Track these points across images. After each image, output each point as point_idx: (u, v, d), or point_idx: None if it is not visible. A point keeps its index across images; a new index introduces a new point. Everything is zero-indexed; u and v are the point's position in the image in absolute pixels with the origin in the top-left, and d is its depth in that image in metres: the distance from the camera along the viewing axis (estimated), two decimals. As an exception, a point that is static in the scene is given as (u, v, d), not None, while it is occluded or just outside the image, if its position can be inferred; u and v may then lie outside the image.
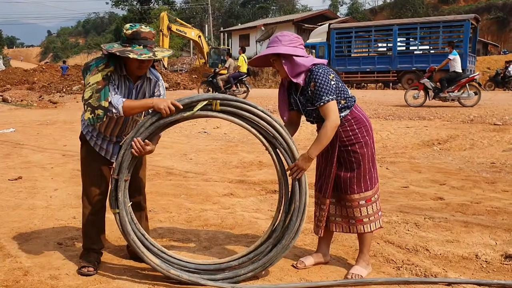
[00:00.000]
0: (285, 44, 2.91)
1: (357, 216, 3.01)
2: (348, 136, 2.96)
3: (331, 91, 2.84)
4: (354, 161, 2.97)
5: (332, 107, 2.84)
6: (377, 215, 3.06)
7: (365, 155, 2.98)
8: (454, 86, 12.46)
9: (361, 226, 3.02)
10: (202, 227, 4.11)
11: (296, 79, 2.91)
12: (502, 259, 3.27)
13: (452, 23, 22.73)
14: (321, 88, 2.83)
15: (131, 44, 2.85)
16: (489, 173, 6.34)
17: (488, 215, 4.37)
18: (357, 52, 25.80)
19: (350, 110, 2.97)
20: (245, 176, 6.25)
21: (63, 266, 3.20)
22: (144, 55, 2.80)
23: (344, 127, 2.95)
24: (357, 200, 2.99)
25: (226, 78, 16.44)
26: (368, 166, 2.99)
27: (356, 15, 57.99)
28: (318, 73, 2.86)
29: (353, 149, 2.96)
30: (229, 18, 64.62)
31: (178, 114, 2.85)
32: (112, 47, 2.87)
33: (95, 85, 2.83)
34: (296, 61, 2.89)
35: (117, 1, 53.77)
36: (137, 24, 2.93)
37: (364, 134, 2.98)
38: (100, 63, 2.90)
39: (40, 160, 7.32)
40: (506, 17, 50.31)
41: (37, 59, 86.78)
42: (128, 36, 2.86)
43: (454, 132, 8.98)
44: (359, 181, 2.98)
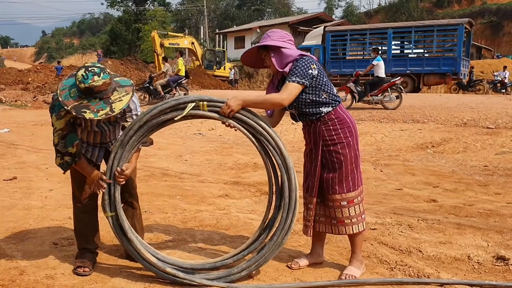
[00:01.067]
0: (273, 39, 3.00)
1: (338, 216, 3.03)
2: (330, 136, 2.99)
3: (304, 76, 2.89)
4: (336, 162, 3.00)
5: (292, 88, 2.88)
6: (360, 218, 3.07)
7: (347, 156, 3.00)
8: (377, 90, 13.08)
9: (343, 228, 3.04)
10: (197, 228, 4.13)
11: (284, 69, 2.98)
12: (493, 261, 3.32)
13: (446, 27, 22.88)
14: (296, 69, 2.90)
15: (87, 96, 2.70)
16: (482, 176, 6.40)
17: (481, 217, 4.42)
18: (352, 55, 25.88)
19: (334, 109, 2.99)
20: (240, 178, 6.28)
21: (59, 265, 3.21)
22: (101, 111, 2.69)
23: (327, 125, 2.99)
24: (339, 200, 3.01)
25: (165, 82, 16.51)
26: (350, 168, 3.01)
27: (351, 18, 58.25)
28: (302, 59, 2.94)
29: (335, 149, 2.99)
30: (224, 20, 64.68)
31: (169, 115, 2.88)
32: (69, 97, 2.71)
33: (60, 131, 2.85)
34: (284, 52, 2.97)
35: (112, 2, 53.59)
36: (90, 73, 2.67)
37: (347, 135, 3.00)
38: (62, 108, 2.79)
39: (35, 161, 7.31)
40: (500, 21, 50.70)
41: (32, 59, 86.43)
42: (81, 90, 2.68)
43: (447, 135, 9.04)
44: (340, 181, 3.00)
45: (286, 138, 9.92)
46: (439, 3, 58.82)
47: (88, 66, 2.73)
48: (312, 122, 3.04)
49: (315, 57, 3.05)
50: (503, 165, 7.08)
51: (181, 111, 2.86)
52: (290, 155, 3.00)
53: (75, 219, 3.25)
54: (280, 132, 10.30)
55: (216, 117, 2.91)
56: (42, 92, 22.35)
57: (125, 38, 48.61)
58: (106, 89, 2.74)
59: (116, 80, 2.87)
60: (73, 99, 2.70)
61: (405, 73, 22.45)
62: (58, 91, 2.78)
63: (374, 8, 70.02)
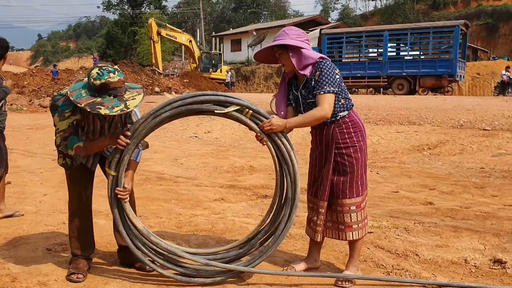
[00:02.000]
0: (292, 38, 2.94)
1: (347, 222, 3.00)
2: (344, 139, 2.96)
3: (335, 83, 2.88)
4: (348, 165, 2.97)
5: (330, 99, 2.86)
6: (364, 222, 3.06)
7: (359, 160, 2.98)
8: None
9: (350, 233, 3.01)
10: (192, 233, 4.10)
11: (303, 71, 2.93)
12: (490, 264, 3.29)
13: (442, 29, 22.95)
14: (326, 78, 2.86)
15: (101, 94, 2.69)
16: (478, 178, 6.39)
17: (477, 220, 4.40)
18: (348, 58, 25.94)
19: (349, 113, 2.98)
20: (236, 181, 6.24)
21: (52, 272, 3.17)
22: (116, 107, 2.67)
23: (341, 129, 2.96)
24: (349, 205, 2.98)
25: None
26: (360, 172, 3.00)
27: (347, 20, 58.33)
28: (326, 64, 2.90)
29: (347, 152, 2.96)
30: (220, 23, 64.78)
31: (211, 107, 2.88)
32: (80, 97, 2.69)
33: (62, 132, 2.84)
34: (304, 53, 2.92)
35: (109, 5, 53.62)
36: (105, 71, 2.70)
37: (359, 139, 2.99)
38: (66, 109, 2.78)
39: (29, 165, 7.26)
40: (495, 23, 50.89)
41: (27, 63, 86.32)
42: (96, 86, 2.68)
43: (443, 137, 9.04)
44: (351, 185, 2.98)
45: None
46: (435, 5, 59.03)
47: (101, 66, 2.76)
48: (325, 125, 2.99)
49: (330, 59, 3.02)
50: (500, 167, 7.07)
51: (223, 108, 2.86)
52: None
53: (70, 225, 3.20)
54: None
55: (255, 129, 2.91)
56: (37, 96, 22.28)
57: (121, 41, 48.61)
58: (121, 87, 2.74)
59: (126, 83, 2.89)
60: (86, 98, 2.69)
61: (401, 75, 22.52)
62: (68, 91, 2.76)
63: (370, 11, 70.23)
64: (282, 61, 3.02)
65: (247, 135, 10.82)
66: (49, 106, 2.91)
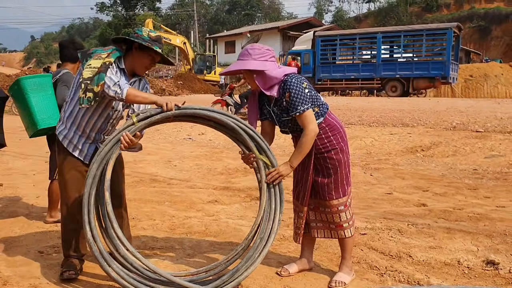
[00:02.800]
0: (255, 58, 2.87)
1: (336, 221, 3.02)
2: (323, 144, 2.97)
3: (306, 100, 2.85)
4: (331, 167, 2.98)
5: (309, 115, 2.86)
6: (352, 221, 3.09)
7: (342, 161, 3.00)
8: None
9: (342, 231, 3.04)
10: (186, 235, 4.08)
11: (270, 91, 2.89)
12: (483, 265, 3.30)
13: (435, 31, 23.07)
14: (296, 97, 2.83)
15: (153, 44, 3.00)
16: (471, 179, 6.42)
17: (470, 221, 4.41)
18: (341, 60, 26.02)
19: (324, 118, 2.98)
20: (230, 183, 6.24)
21: (44, 275, 3.15)
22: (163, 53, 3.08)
23: (319, 134, 2.94)
24: (336, 206, 3.00)
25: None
26: (345, 172, 3.02)
27: (340, 23, 58.52)
28: (291, 83, 2.85)
29: (329, 155, 2.98)
30: (214, 25, 64.77)
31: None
32: (139, 38, 2.99)
33: (94, 69, 2.88)
34: (267, 74, 2.86)
35: (102, 7, 53.53)
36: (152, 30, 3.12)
37: (339, 141, 2.99)
38: (103, 52, 2.99)
39: (22, 167, 7.22)
40: (488, 25, 51.20)
41: (20, 64, 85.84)
42: (152, 37, 3.01)
43: (437, 139, 9.07)
44: (337, 186, 3.00)
45: (276, 142, 9.90)
46: (428, 8, 59.27)
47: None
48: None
49: (295, 70, 3.00)
50: (493, 168, 7.10)
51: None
52: (279, 159, 2.99)
53: (63, 227, 3.18)
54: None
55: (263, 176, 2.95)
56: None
57: (115, 43, 48.43)
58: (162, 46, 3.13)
59: None
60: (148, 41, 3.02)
61: (394, 77, 22.61)
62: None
63: (364, 13, 70.42)
64: (247, 80, 2.99)
65: (241, 137, 10.80)
66: (80, 57, 3.09)
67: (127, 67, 3.07)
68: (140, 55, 3.04)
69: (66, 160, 3.11)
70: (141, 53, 3.03)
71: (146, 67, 3.13)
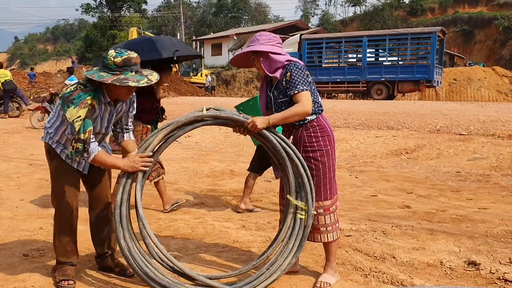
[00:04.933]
0: (262, 43, 3.05)
1: (314, 224, 3.04)
2: (311, 142, 3.02)
3: (307, 83, 2.96)
4: (315, 169, 3.02)
5: (307, 96, 2.93)
6: (335, 226, 3.10)
7: (326, 164, 3.04)
8: None
9: (318, 235, 3.06)
10: (172, 237, 4.09)
11: (274, 74, 3.04)
12: (465, 266, 3.37)
13: (419, 35, 23.30)
14: (297, 78, 2.95)
15: (122, 71, 2.82)
16: (454, 181, 6.51)
17: (453, 223, 4.49)
18: (327, 63, 26.14)
19: (317, 117, 3.04)
20: (216, 185, 6.25)
21: (29, 278, 3.13)
22: (141, 81, 2.82)
23: (309, 132, 3.02)
24: (316, 208, 3.02)
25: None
26: (328, 176, 3.05)
27: (327, 26, 58.82)
28: (295, 65, 3.00)
29: (314, 156, 3.02)
30: (201, 27, 64.65)
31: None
32: (102, 77, 2.79)
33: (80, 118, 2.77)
34: (272, 58, 3.02)
35: (87, 8, 53.10)
36: (123, 50, 2.88)
37: (326, 143, 3.04)
38: (86, 97, 2.81)
39: (5, 170, 7.14)
40: (472, 30, 51.88)
41: (4, 66, 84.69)
42: (118, 64, 2.81)
43: (421, 141, 9.18)
44: (318, 189, 3.03)
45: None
46: (412, 12, 59.89)
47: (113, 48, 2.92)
48: (294, 128, 3.06)
49: (301, 62, 3.10)
50: (475, 171, 7.22)
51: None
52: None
53: (56, 232, 3.12)
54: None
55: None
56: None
57: (100, 45, 48.07)
58: (138, 64, 2.91)
59: None
60: (108, 77, 2.79)
61: (379, 81, 22.79)
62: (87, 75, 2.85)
63: (350, 17, 70.84)
64: (255, 65, 3.13)
65: (228, 139, 10.83)
66: (60, 104, 2.86)
67: (110, 97, 2.96)
68: (116, 87, 2.87)
69: (61, 167, 3.05)
70: (116, 85, 2.84)
71: (128, 94, 2.99)
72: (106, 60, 2.83)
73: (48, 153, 3.11)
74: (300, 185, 2.95)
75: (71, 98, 2.79)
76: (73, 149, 2.79)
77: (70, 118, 2.76)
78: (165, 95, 25.01)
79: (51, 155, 3.08)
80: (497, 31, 48.90)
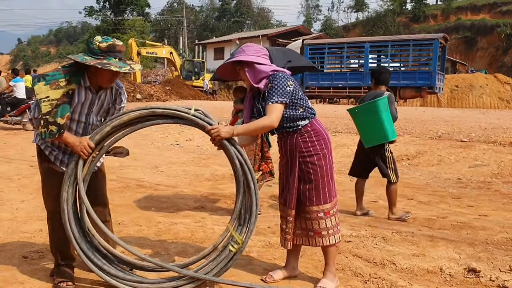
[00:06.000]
0: (248, 54, 3.05)
1: (315, 228, 3.05)
2: (307, 147, 3.03)
3: (284, 95, 2.95)
4: (313, 173, 3.03)
5: (278, 108, 2.93)
6: (336, 229, 3.10)
7: (323, 168, 3.04)
8: (15, 110, 13.34)
9: (320, 239, 3.06)
10: (172, 241, 4.08)
11: (258, 84, 3.04)
12: (465, 273, 3.36)
13: (422, 42, 23.32)
14: (275, 89, 2.95)
15: (106, 56, 2.84)
16: (455, 188, 6.50)
17: (453, 229, 4.48)
18: (329, 68, 26.16)
19: (310, 122, 3.05)
20: (217, 189, 6.25)
21: (28, 280, 3.12)
22: (123, 68, 2.83)
23: (304, 138, 3.03)
24: (316, 212, 3.03)
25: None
26: (326, 179, 3.06)
27: (329, 31, 59.00)
28: (277, 76, 2.99)
29: (311, 160, 3.02)
30: (204, 31, 64.84)
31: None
32: (85, 59, 2.82)
33: (55, 101, 2.77)
34: (257, 68, 3.02)
35: (91, 11, 53.30)
36: (109, 37, 2.93)
37: (322, 147, 3.05)
38: (60, 78, 2.81)
39: (6, 171, 7.15)
40: (474, 36, 51.99)
41: (6, 67, 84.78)
42: (102, 49, 2.84)
43: (422, 148, 9.18)
44: (318, 193, 3.03)
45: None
46: (415, 18, 60.04)
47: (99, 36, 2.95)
48: (288, 134, 3.07)
49: (288, 71, 3.10)
50: (476, 178, 7.21)
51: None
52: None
53: (52, 235, 3.11)
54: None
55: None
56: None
57: (103, 47, 48.13)
58: (123, 52, 2.95)
59: None
60: (92, 60, 2.82)
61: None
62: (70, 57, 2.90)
63: (352, 22, 71.03)
64: (242, 76, 3.13)
65: (229, 144, 10.81)
66: (32, 77, 2.88)
67: (92, 83, 2.94)
68: (98, 71, 2.86)
69: (51, 169, 3.03)
70: (98, 70, 2.83)
71: (109, 81, 2.96)
72: (92, 44, 2.87)
73: (38, 155, 3.09)
74: (246, 220, 2.93)
75: (45, 74, 2.84)
76: (47, 131, 2.78)
77: (38, 95, 2.76)
78: (167, 98, 25.08)
79: (41, 158, 3.06)
80: (499, 38, 48.98)
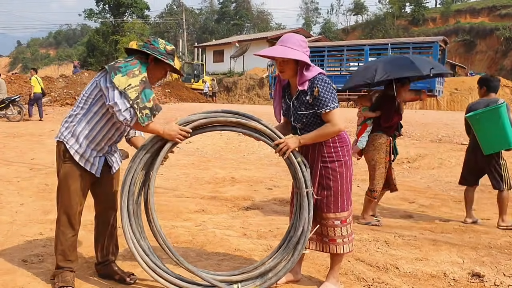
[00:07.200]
0: (304, 52, 2.92)
1: (330, 235, 2.99)
2: (330, 153, 2.96)
3: (335, 99, 2.89)
4: (333, 179, 2.96)
5: (338, 114, 2.89)
6: (350, 238, 3.05)
7: (344, 175, 2.97)
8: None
9: (334, 246, 3.01)
10: (172, 245, 4.04)
11: (302, 86, 2.90)
12: (469, 277, 3.33)
13: (421, 45, 23.20)
14: (326, 95, 2.86)
15: (168, 58, 3.06)
16: (456, 191, 6.48)
17: (456, 233, 4.45)
18: (329, 71, 26.14)
19: None
20: (217, 192, 6.21)
21: (28, 284, 3.09)
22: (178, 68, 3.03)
23: (328, 142, 2.95)
24: (333, 219, 2.97)
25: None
26: (346, 187, 2.99)
27: (328, 34, 59.05)
28: (324, 80, 2.90)
29: (332, 166, 2.96)
30: (203, 34, 64.93)
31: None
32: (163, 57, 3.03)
33: (138, 87, 2.88)
34: (306, 71, 2.90)
35: (90, 13, 53.30)
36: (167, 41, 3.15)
37: (345, 154, 2.98)
38: (134, 68, 2.94)
39: (6, 174, 7.11)
40: (473, 40, 52.04)
41: (6, 70, 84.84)
42: (168, 51, 3.07)
43: (423, 151, 9.16)
44: (336, 200, 2.97)
45: (265, 152, 9.91)
46: (414, 21, 60.09)
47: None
48: None
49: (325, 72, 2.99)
50: (477, 181, 7.17)
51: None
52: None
53: (58, 238, 3.07)
54: (259, 145, 10.27)
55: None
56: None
57: (103, 50, 48.18)
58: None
59: None
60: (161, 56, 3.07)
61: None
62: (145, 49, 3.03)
63: (352, 25, 71.11)
64: (284, 68, 2.94)
65: (229, 146, 10.80)
66: (107, 68, 2.91)
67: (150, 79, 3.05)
68: (155, 68, 3.06)
69: (73, 171, 3.00)
70: (156, 66, 3.06)
71: (158, 79, 3.17)
72: (157, 44, 3.05)
73: (62, 155, 3.02)
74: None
75: (117, 66, 2.93)
76: (142, 115, 2.87)
77: (120, 86, 2.84)
78: (167, 100, 25.05)
79: (65, 158, 3.01)
80: (499, 42, 49.04)
